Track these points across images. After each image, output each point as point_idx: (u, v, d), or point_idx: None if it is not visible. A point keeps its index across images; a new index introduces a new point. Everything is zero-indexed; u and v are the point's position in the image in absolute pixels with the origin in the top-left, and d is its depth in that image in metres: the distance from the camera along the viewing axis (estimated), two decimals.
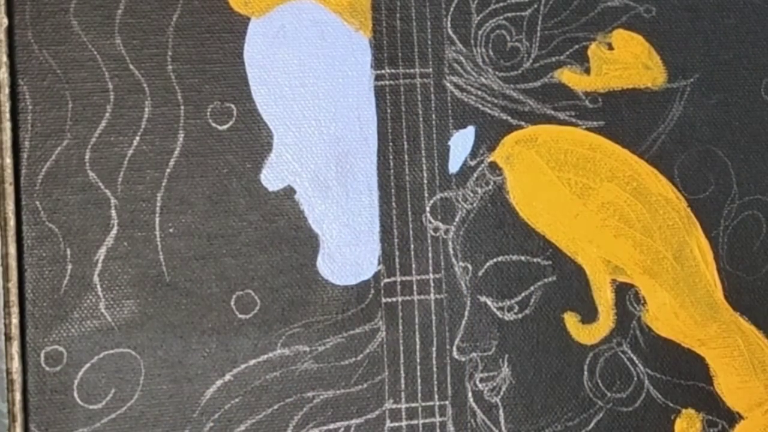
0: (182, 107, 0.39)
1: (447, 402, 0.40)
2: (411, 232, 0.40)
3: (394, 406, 0.40)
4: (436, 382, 0.40)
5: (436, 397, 0.40)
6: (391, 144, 0.40)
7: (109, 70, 0.38)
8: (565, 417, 0.41)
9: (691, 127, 0.43)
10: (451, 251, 0.40)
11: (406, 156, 0.40)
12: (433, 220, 0.40)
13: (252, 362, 0.39)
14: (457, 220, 0.41)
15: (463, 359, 0.40)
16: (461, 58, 0.41)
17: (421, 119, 0.41)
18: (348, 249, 0.40)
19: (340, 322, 0.39)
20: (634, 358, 0.42)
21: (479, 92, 0.41)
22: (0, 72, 0.37)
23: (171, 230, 0.38)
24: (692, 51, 0.43)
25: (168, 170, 0.38)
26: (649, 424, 0.42)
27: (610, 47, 0.42)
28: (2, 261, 0.37)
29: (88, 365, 0.37)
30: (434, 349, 0.40)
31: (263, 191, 0.39)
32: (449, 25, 0.41)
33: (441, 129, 0.41)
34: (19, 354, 0.37)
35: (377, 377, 0.40)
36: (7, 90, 0.37)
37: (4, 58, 0.37)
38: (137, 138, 0.38)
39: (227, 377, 0.38)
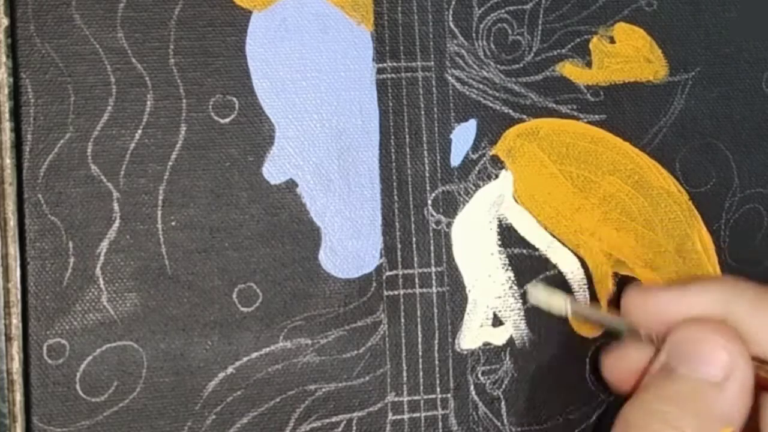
0: (184, 100, 0.39)
1: (449, 395, 0.40)
2: (413, 225, 0.40)
3: (396, 398, 0.40)
4: (438, 375, 0.40)
5: (438, 389, 0.40)
6: (393, 137, 0.40)
7: (111, 64, 0.38)
8: (566, 410, 0.41)
9: (693, 120, 0.43)
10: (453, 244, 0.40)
11: (408, 149, 0.40)
12: (435, 213, 0.40)
13: (254, 355, 0.39)
14: (458, 213, 0.41)
15: (465, 352, 0.40)
16: (463, 51, 0.41)
17: (422, 112, 0.41)
18: (350, 242, 0.40)
19: (342, 315, 0.39)
20: None
21: (481, 86, 0.41)
22: (0, 72, 0.37)
23: (173, 223, 0.38)
24: (693, 44, 0.43)
25: (170, 163, 0.38)
26: None
27: (612, 41, 0.42)
28: (2, 261, 0.37)
29: (90, 358, 0.37)
30: (436, 342, 0.40)
31: (265, 184, 0.39)
32: (451, 18, 0.41)
33: (443, 122, 0.41)
34: (20, 354, 0.37)
35: (379, 370, 0.40)
36: (6, 90, 0.37)
37: (4, 59, 0.37)
38: (139, 131, 0.38)
39: (229, 370, 0.38)
